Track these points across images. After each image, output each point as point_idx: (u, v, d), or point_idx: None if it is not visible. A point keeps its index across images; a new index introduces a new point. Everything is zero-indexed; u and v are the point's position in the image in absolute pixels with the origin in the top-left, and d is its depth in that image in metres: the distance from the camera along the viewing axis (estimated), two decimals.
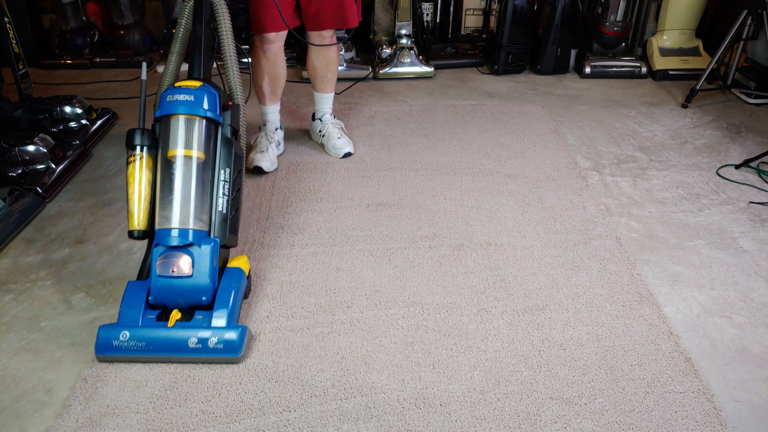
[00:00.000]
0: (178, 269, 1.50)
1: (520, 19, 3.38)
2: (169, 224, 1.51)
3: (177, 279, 1.50)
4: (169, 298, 1.51)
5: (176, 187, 1.53)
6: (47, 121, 2.66)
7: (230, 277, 1.57)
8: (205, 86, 1.61)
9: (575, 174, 2.37)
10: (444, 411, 1.36)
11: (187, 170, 1.55)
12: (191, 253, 1.51)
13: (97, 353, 1.48)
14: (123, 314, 1.50)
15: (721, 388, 1.42)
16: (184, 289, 1.50)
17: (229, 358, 1.47)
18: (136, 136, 1.56)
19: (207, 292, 1.51)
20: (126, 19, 3.81)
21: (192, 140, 1.56)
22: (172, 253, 1.51)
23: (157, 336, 1.47)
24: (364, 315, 1.65)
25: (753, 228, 2.04)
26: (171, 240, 1.50)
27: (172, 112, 1.56)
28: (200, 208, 1.55)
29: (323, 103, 2.54)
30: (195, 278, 1.50)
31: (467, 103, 3.08)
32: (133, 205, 1.54)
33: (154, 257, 1.51)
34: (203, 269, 1.51)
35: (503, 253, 1.90)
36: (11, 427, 1.35)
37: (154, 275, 1.50)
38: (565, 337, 1.57)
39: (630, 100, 3.14)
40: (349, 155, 2.51)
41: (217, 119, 1.61)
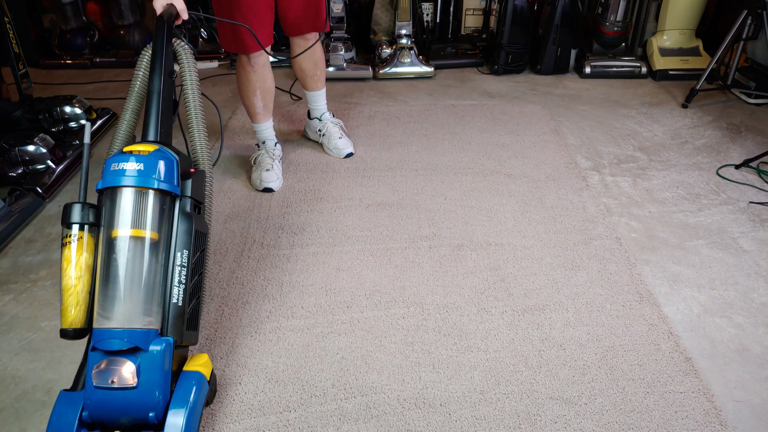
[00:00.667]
0: (120, 379, 1.18)
1: (520, 19, 3.38)
2: (110, 323, 1.20)
3: (118, 392, 1.19)
4: (108, 415, 1.20)
5: (120, 275, 1.23)
6: (47, 121, 2.66)
7: (186, 386, 1.25)
8: (161, 150, 1.32)
9: (575, 174, 2.37)
10: (444, 411, 1.36)
11: (135, 254, 1.24)
12: (136, 359, 1.19)
13: None
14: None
15: (721, 388, 1.42)
16: (127, 404, 1.20)
17: None
18: (74, 212, 1.28)
19: (156, 407, 1.20)
20: (126, 19, 3.81)
21: (141, 217, 1.26)
22: (113, 359, 1.19)
23: None
24: (364, 315, 1.65)
25: (753, 228, 2.04)
26: (111, 344, 1.19)
27: (117, 183, 1.28)
28: (150, 300, 1.24)
29: (318, 101, 2.53)
30: (141, 391, 1.19)
31: (467, 103, 3.08)
32: (67, 298, 1.23)
33: (90, 364, 1.20)
34: (151, 379, 1.20)
35: (503, 253, 1.90)
36: (11, 427, 1.35)
37: (90, 386, 1.19)
38: (565, 337, 1.57)
39: (630, 100, 3.14)
40: (350, 155, 2.51)
41: (173, 191, 1.31)
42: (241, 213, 2.12)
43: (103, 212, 1.30)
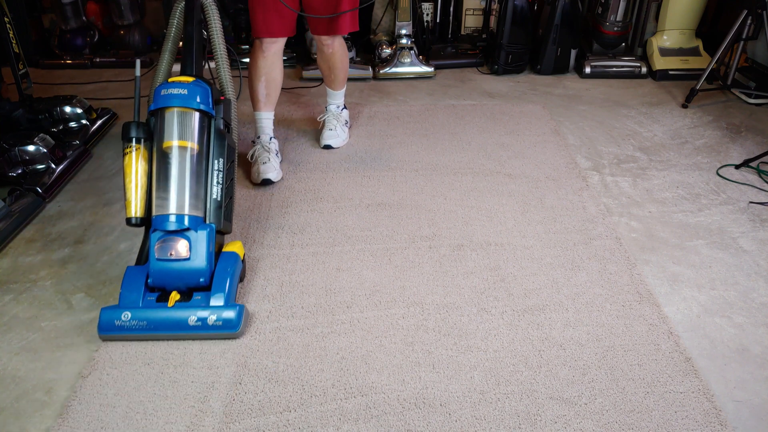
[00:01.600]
0: (176, 253, 1.57)
1: (520, 19, 3.38)
2: (167, 210, 1.59)
3: (175, 262, 1.57)
4: (168, 280, 1.59)
5: (172, 175, 1.61)
6: (47, 121, 2.66)
7: (226, 261, 1.64)
8: (198, 81, 1.70)
9: (575, 174, 2.37)
10: (444, 411, 1.36)
11: (183, 160, 1.62)
12: (188, 237, 1.59)
13: (100, 333, 1.55)
14: (123, 296, 1.57)
15: (721, 388, 1.42)
16: (182, 271, 1.58)
17: (228, 334, 1.55)
18: (132, 129, 1.64)
19: (204, 274, 1.59)
20: (126, 19, 3.81)
21: (186, 132, 1.64)
22: (170, 237, 1.58)
23: (157, 315, 1.54)
24: (364, 315, 1.65)
25: (753, 228, 2.04)
26: (168, 225, 1.58)
27: (166, 105, 1.64)
28: (195, 195, 1.62)
29: (330, 97, 2.63)
30: (192, 261, 1.58)
31: (467, 103, 3.08)
32: (130, 194, 1.62)
33: (153, 242, 1.58)
34: (200, 252, 1.59)
35: (503, 253, 1.90)
36: (11, 427, 1.35)
37: (153, 259, 1.57)
38: (565, 337, 1.57)
39: (630, 100, 3.14)
40: (329, 148, 2.57)
41: (209, 112, 1.69)
42: (241, 213, 2.12)
43: (157, 128, 1.66)
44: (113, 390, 1.42)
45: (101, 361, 1.50)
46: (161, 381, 1.44)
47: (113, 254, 1.93)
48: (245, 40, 3.75)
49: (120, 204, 2.21)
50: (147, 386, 1.43)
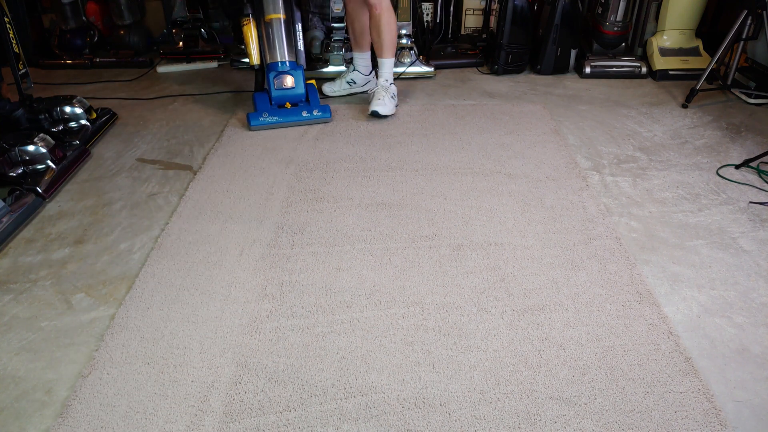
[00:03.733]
0: (287, 84, 2.76)
1: (520, 19, 3.38)
2: (277, 58, 2.74)
3: (287, 90, 2.77)
4: (283, 99, 2.78)
5: (276, 36, 2.70)
6: (47, 121, 2.66)
7: (312, 88, 2.87)
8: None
9: (575, 174, 2.37)
10: (444, 411, 1.36)
11: (279, 26, 2.72)
12: (292, 73, 2.76)
13: (251, 125, 2.72)
14: (259, 106, 2.76)
15: (721, 388, 1.42)
16: (291, 94, 2.78)
17: (326, 119, 2.79)
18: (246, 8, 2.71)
19: (303, 96, 2.81)
20: (126, 19, 3.81)
21: (279, 7, 2.70)
22: (282, 73, 2.75)
23: (283, 112, 2.75)
24: (364, 315, 1.65)
25: (753, 228, 2.04)
26: (281, 66, 2.75)
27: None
28: (291, 48, 2.74)
29: (380, 66, 2.89)
30: (297, 88, 2.79)
31: (467, 103, 3.08)
32: (251, 49, 2.76)
33: (270, 78, 2.75)
34: (300, 83, 2.78)
35: (503, 253, 1.90)
36: (11, 427, 1.35)
37: (272, 89, 2.76)
38: (565, 337, 1.57)
39: (630, 100, 3.14)
40: (376, 114, 2.85)
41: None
42: (241, 213, 2.12)
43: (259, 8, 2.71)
44: (113, 390, 1.42)
45: (101, 361, 1.50)
46: (161, 381, 1.44)
47: (113, 254, 1.93)
48: None
49: (120, 204, 2.21)
50: (147, 386, 1.43)
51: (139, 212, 2.16)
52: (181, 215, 2.12)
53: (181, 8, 3.81)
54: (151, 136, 2.76)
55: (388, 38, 2.76)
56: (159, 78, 3.53)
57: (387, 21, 2.72)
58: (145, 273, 1.83)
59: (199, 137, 2.74)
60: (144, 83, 3.44)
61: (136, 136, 2.77)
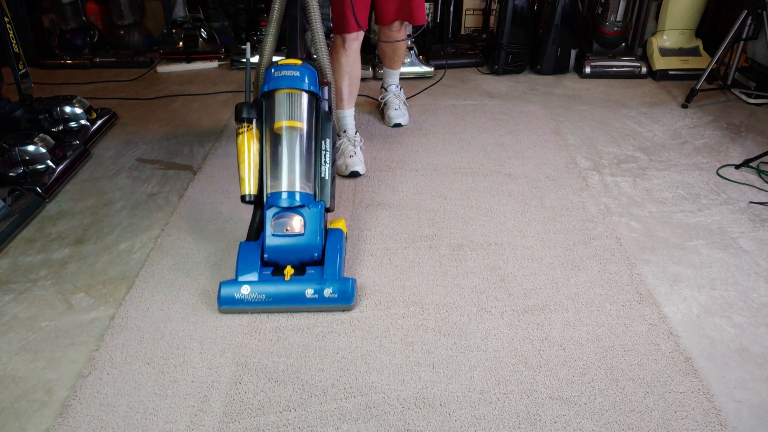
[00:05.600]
0: (291, 228, 1.66)
1: (520, 19, 3.38)
2: (281, 188, 1.68)
3: (290, 237, 1.66)
4: (283, 255, 1.67)
5: (285, 154, 1.69)
6: (47, 121, 2.66)
7: (334, 237, 1.73)
8: (306, 64, 1.77)
9: (575, 174, 2.37)
10: (444, 411, 1.36)
11: (294, 140, 1.71)
12: (302, 213, 1.68)
13: (220, 306, 1.63)
14: (241, 270, 1.64)
15: (721, 388, 1.42)
16: (297, 246, 1.67)
17: (344, 306, 1.63)
18: (244, 110, 1.72)
19: (317, 249, 1.67)
20: (126, 19, 3.82)
21: (297, 112, 1.72)
22: (285, 213, 1.67)
23: (276, 289, 1.62)
24: (364, 315, 1.65)
25: (753, 228, 2.04)
26: (284, 201, 1.67)
27: (279, 87, 1.71)
28: (306, 174, 1.71)
29: (389, 77, 2.81)
30: (306, 237, 1.67)
31: (467, 103, 3.08)
32: (244, 172, 1.71)
33: (267, 218, 1.67)
34: (313, 228, 1.67)
35: (503, 253, 1.90)
36: (11, 427, 1.35)
37: (269, 235, 1.66)
38: (565, 337, 1.57)
39: (630, 100, 3.14)
40: (399, 126, 2.76)
41: (317, 93, 1.77)
42: (241, 212, 2.12)
43: (267, 110, 1.73)
44: (113, 390, 1.42)
45: (101, 361, 1.50)
46: (161, 381, 1.44)
47: (113, 254, 1.93)
48: (245, 40, 3.75)
49: (120, 204, 2.21)
50: (147, 386, 1.43)
51: (139, 212, 2.16)
52: (181, 215, 2.12)
53: (181, 8, 3.81)
54: (151, 136, 2.76)
55: (403, 54, 2.70)
56: (159, 78, 3.53)
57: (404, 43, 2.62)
58: (145, 273, 1.83)
59: (199, 137, 2.74)
60: (144, 83, 3.44)
61: (136, 136, 2.77)
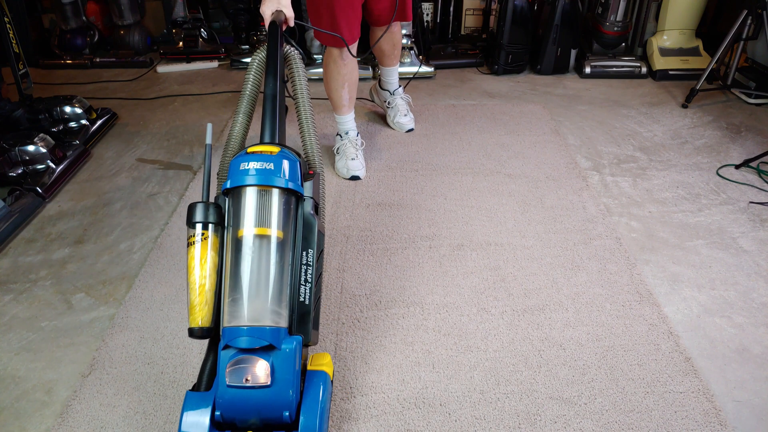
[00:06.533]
0: (254, 378, 1.16)
1: (520, 19, 3.38)
2: (242, 321, 1.18)
3: (252, 390, 1.16)
4: (241, 414, 1.18)
5: (250, 274, 1.22)
6: (47, 121, 2.66)
7: (315, 385, 1.23)
8: (284, 152, 1.31)
9: (575, 174, 2.37)
10: (444, 411, 1.36)
11: (264, 253, 1.23)
12: (269, 356, 1.17)
13: None
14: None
15: (721, 388, 1.42)
16: (261, 403, 1.17)
17: None
18: (198, 212, 1.26)
19: (289, 406, 1.17)
20: (126, 19, 3.81)
21: (270, 216, 1.25)
22: (246, 357, 1.17)
23: None
24: (364, 315, 1.65)
25: (753, 228, 2.04)
26: (245, 341, 1.16)
27: (246, 182, 1.25)
28: (278, 299, 1.23)
29: (392, 76, 2.74)
30: (275, 389, 1.16)
31: (467, 103, 3.08)
32: (194, 297, 1.23)
33: (222, 363, 1.17)
34: (285, 377, 1.17)
35: (503, 253, 1.90)
36: (11, 427, 1.35)
37: (222, 385, 1.16)
38: (565, 337, 1.57)
39: (630, 100, 3.14)
40: (411, 131, 2.74)
41: (298, 191, 1.30)
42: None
43: (231, 211, 1.28)
44: (113, 390, 1.42)
45: (101, 361, 1.50)
46: (161, 381, 1.44)
47: (113, 254, 1.93)
48: (245, 40, 3.75)
49: (120, 204, 2.21)
50: (147, 386, 1.43)
51: (139, 212, 2.16)
52: (181, 215, 2.12)
53: (181, 8, 3.81)
54: (151, 136, 2.76)
55: (400, 50, 2.68)
56: (159, 78, 3.53)
57: (400, 33, 2.62)
58: (145, 273, 1.83)
59: (199, 137, 2.74)
60: (144, 83, 3.44)
61: (136, 136, 2.77)
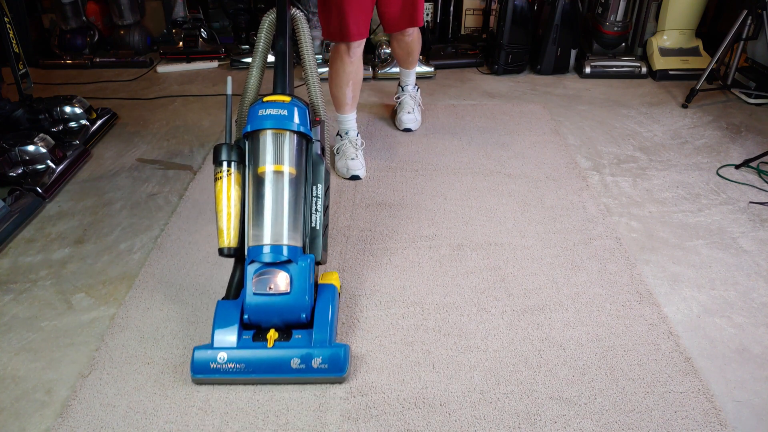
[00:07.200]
0: (275, 286, 1.43)
1: (520, 19, 3.38)
2: (265, 241, 1.45)
3: (274, 297, 1.43)
4: (266, 316, 1.44)
5: (270, 203, 1.47)
6: (47, 121, 2.66)
7: (325, 295, 1.50)
8: (295, 101, 1.56)
9: (575, 174, 2.37)
10: (444, 411, 1.36)
11: (280, 186, 1.49)
12: (288, 269, 1.44)
13: (193, 376, 1.41)
14: (217, 335, 1.42)
15: (721, 388, 1.42)
16: (282, 307, 1.43)
17: (335, 378, 1.41)
18: (223, 152, 1.52)
19: (305, 309, 1.44)
20: (126, 19, 3.81)
21: (284, 155, 1.51)
22: (269, 270, 1.44)
23: (257, 357, 1.40)
24: (364, 315, 1.65)
25: (753, 228, 2.04)
26: (267, 256, 1.44)
27: (263, 126, 1.51)
28: (294, 224, 1.49)
29: (406, 75, 2.78)
30: (293, 296, 1.43)
31: (467, 103, 3.08)
32: (222, 222, 1.49)
33: (249, 275, 1.44)
34: (301, 286, 1.44)
35: (503, 253, 1.90)
36: (11, 427, 1.35)
37: (249, 293, 1.43)
38: (565, 337, 1.57)
39: (630, 100, 3.14)
40: (408, 131, 2.73)
41: (308, 134, 1.56)
42: None
43: (251, 152, 1.54)
44: (113, 390, 1.42)
45: (101, 361, 1.50)
46: (161, 381, 1.44)
47: (113, 254, 1.93)
48: (245, 40, 3.75)
49: (120, 204, 2.21)
50: (147, 386, 1.43)
51: (139, 212, 2.16)
52: (181, 215, 2.12)
53: (181, 8, 3.81)
54: (151, 136, 2.76)
55: (417, 55, 2.68)
56: (159, 78, 3.53)
57: (417, 41, 2.58)
58: (145, 273, 1.83)
59: (199, 137, 2.74)
60: (144, 83, 3.44)
61: (136, 136, 2.77)
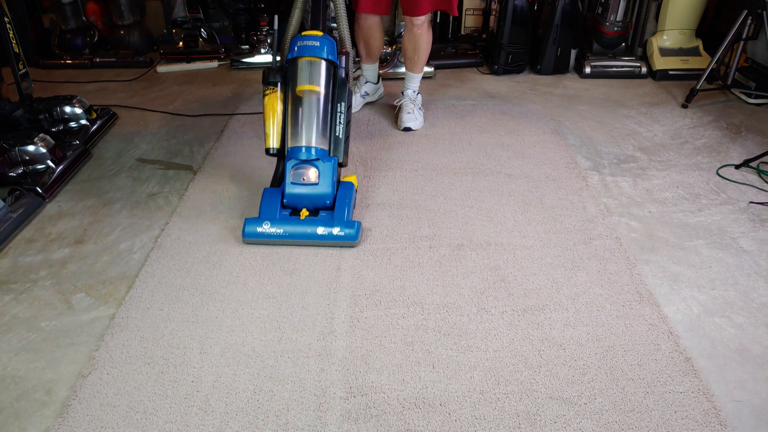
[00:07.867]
0: (308, 178, 1.93)
1: (520, 19, 3.38)
2: (300, 143, 1.94)
3: (306, 185, 1.93)
4: (299, 200, 1.94)
5: (304, 114, 1.95)
6: (47, 121, 2.66)
7: (345, 188, 1.99)
8: (326, 36, 2.01)
9: (575, 174, 2.37)
10: (444, 411, 1.36)
11: (312, 102, 1.96)
12: (317, 166, 1.94)
13: (244, 237, 1.91)
14: (264, 210, 1.92)
15: (721, 388, 1.42)
16: (312, 194, 1.93)
17: (349, 243, 1.90)
18: (271, 75, 1.99)
19: (329, 197, 1.94)
20: (126, 19, 3.81)
21: (316, 78, 1.97)
22: (303, 165, 1.94)
23: (292, 226, 1.90)
24: (364, 315, 1.65)
25: (753, 228, 2.04)
26: (302, 155, 1.94)
27: (301, 55, 1.97)
28: (322, 132, 1.96)
29: (409, 80, 2.82)
30: (320, 186, 1.93)
31: (467, 103, 3.08)
32: (269, 129, 1.99)
33: (288, 169, 1.94)
34: (327, 180, 1.94)
35: (503, 253, 1.90)
36: (11, 427, 1.35)
37: (288, 183, 1.94)
38: (565, 337, 1.57)
39: (630, 100, 3.14)
40: (408, 130, 2.74)
41: (335, 62, 2.01)
42: (241, 212, 2.12)
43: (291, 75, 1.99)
44: (113, 390, 1.42)
45: (101, 361, 1.50)
46: (161, 381, 1.45)
47: (113, 254, 1.93)
48: (245, 40, 3.75)
49: (120, 204, 2.21)
50: (147, 386, 1.43)
51: (139, 212, 2.16)
52: (181, 215, 2.12)
53: (180, 8, 3.81)
54: (151, 136, 2.76)
55: (424, 57, 2.69)
56: (159, 78, 3.53)
57: (426, 40, 2.63)
58: (145, 273, 1.83)
59: (199, 137, 2.74)
60: (144, 83, 3.44)
61: (136, 136, 2.77)
